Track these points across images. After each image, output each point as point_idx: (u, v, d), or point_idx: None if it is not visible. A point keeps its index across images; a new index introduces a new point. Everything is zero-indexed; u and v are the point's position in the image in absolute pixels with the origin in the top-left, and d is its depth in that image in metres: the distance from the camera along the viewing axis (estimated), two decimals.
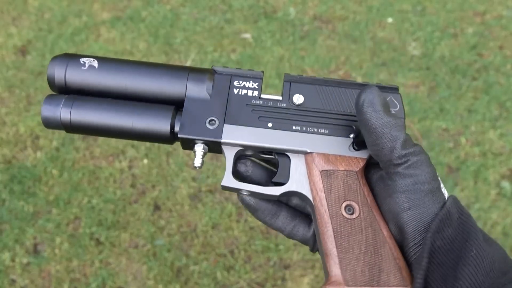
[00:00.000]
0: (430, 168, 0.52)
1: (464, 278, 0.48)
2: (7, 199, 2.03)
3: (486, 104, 2.38)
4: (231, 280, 1.80)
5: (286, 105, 0.60)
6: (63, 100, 0.60)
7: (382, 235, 0.54)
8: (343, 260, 0.53)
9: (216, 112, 0.60)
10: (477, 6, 2.93)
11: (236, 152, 0.60)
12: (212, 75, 0.61)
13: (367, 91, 0.53)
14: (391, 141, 0.51)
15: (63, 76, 0.60)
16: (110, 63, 0.61)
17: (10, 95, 2.46)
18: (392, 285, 0.52)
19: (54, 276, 1.82)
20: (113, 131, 0.60)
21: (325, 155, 0.58)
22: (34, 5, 2.98)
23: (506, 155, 2.16)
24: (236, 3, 2.98)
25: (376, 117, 0.52)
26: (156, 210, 2.00)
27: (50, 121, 0.60)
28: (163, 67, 0.62)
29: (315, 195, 0.57)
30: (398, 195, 0.52)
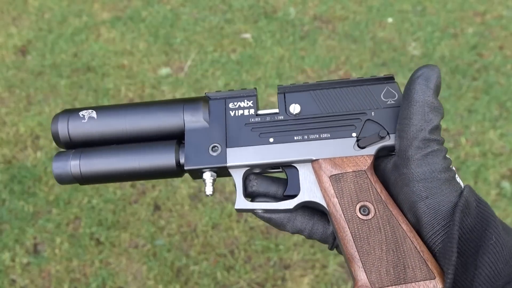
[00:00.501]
0: (446, 159, 0.52)
1: (484, 266, 0.47)
2: (7, 199, 2.03)
3: (486, 104, 2.38)
4: (231, 280, 1.80)
5: (284, 117, 0.60)
6: (71, 155, 0.62)
7: (402, 230, 0.53)
8: (366, 263, 0.53)
9: (217, 138, 0.60)
10: (477, 6, 2.93)
11: (243, 173, 0.60)
12: (206, 102, 0.62)
13: (429, 68, 0.53)
14: (424, 122, 0.51)
15: (67, 131, 0.62)
16: (108, 111, 0.63)
17: (10, 95, 2.46)
18: (419, 279, 0.51)
19: (54, 276, 1.82)
20: (122, 174, 0.62)
21: (331, 159, 0.58)
22: (34, 5, 2.98)
23: (506, 155, 2.16)
24: (236, 3, 2.98)
25: (423, 93, 0.52)
26: (156, 210, 2.00)
27: (63, 177, 0.62)
28: (158, 104, 0.63)
29: (328, 201, 0.57)
30: (415, 184, 0.51)
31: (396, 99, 0.59)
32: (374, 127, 0.59)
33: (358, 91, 0.60)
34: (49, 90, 2.47)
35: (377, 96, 0.60)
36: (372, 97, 0.60)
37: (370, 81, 0.60)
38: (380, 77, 0.60)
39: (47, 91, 2.47)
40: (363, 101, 0.60)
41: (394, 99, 0.59)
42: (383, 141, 0.57)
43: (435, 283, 0.51)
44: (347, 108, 0.60)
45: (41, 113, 2.36)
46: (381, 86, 0.60)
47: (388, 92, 0.59)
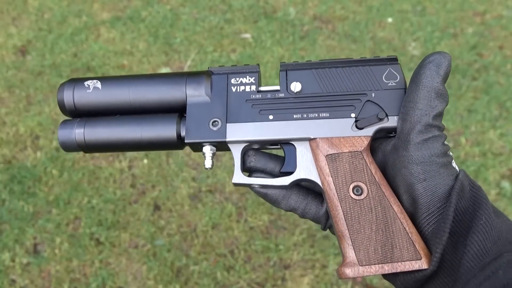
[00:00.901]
0: (445, 145, 0.53)
1: (473, 244, 0.49)
2: (7, 199, 2.03)
3: (486, 104, 2.38)
4: (231, 280, 1.80)
5: (285, 94, 0.61)
6: (76, 123, 0.64)
7: (393, 211, 0.55)
8: (355, 241, 0.55)
9: (217, 113, 0.61)
10: (477, 6, 2.93)
11: (242, 148, 0.61)
12: (209, 77, 0.63)
13: (441, 54, 0.53)
14: (429, 107, 0.52)
15: (72, 100, 0.64)
16: (112, 81, 0.64)
17: (10, 95, 2.46)
18: (405, 259, 0.53)
19: (54, 276, 1.82)
20: (125, 144, 0.63)
21: (329, 139, 0.59)
22: (34, 5, 2.98)
23: (506, 155, 2.16)
24: (236, 3, 2.98)
25: (432, 78, 0.52)
26: (156, 210, 2.00)
27: (67, 144, 0.64)
28: (161, 76, 0.64)
29: (323, 180, 0.58)
30: (414, 166, 0.53)
31: (398, 81, 0.59)
32: (373, 108, 0.59)
33: (360, 71, 0.60)
34: (49, 90, 2.47)
35: (379, 77, 0.60)
36: (373, 78, 0.60)
37: (373, 61, 0.61)
38: (383, 58, 0.61)
39: (47, 91, 2.47)
40: (364, 82, 0.60)
41: (396, 81, 0.59)
42: (382, 122, 0.58)
43: (420, 263, 0.53)
44: (347, 88, 0.60)
45: (41, 113, 2.36)
46: (383, 67, 0.60)
47: (390, 74, 0.60)
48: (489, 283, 0.47)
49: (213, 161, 0.62)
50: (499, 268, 0.47)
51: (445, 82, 0.53)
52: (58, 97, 0.65)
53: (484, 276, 0.47)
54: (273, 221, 1.95)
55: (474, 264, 0.49)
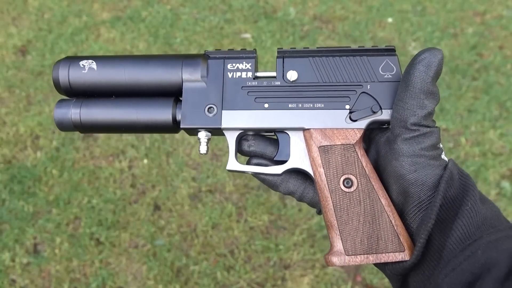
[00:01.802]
0: (435, 138, 0.54)
1: (457, 228, 0.51)
2: (7, 199, 2.03)
3: (486, 104, 2.38)
4: (231, 280, 1.80)
5: (281, 83, 0.61)
6: (72, 103, 0.64)
7: (380, 204, 0.57)
8: (343, 232, 0.57)
9: (213, 99, 0.61)
10: (477, 6, 2.93)
11: (237, 135, 0.62)
12: (205, 60, 0.62)
13: (432, 53, 0.53)
14: (418, 108, 0.53)
15: (67, 79, 0.64)
16: (108, 62, 0.64)
17: (10, 95, 2.46)
18: (389, 251, 0.56)
19: (54, 276, 1.82)
20: (120, 125, 0.63)
21: (322, 130, 0.59)
22: (34, 5, 2.98)
23: (506, 155, 2.16)
24: (236, 3, 2.98)
25: (421, 80, 0.53)
26: (156, 210, 2.00)
27: (63, 123, 0.64)
28: (157, 58, 0.64)
29: (314, 170, 0.59)
30: (404, 158, 0.54)
31: (394, 73, 0.59)
32: (368, 100, 0.59)
33: (357, 62, 0.60)
34: (49, 90, 2.47)
35: (375, 68, 0.60)
36: (370, 69, 0.60)
37: (371, 51, 0.60)
38: (381, 48, 0.60)
39: (47, 91, 2.47)
40: (361, 73, 0.60)
41: (392, 73, 0.60)
42: (375, 115, 0.59)
43: (403, 255, 0.55)
44: (344, 79, 0.60)
45: (41, 113, 2.36)
46: (380, 59, 0.60)
47: (387, 66, 0.60)
48: (468, 262, 0.49)
49: (208, 146, 0.63)
50: (478, 248, 0.49)
51: (436, 80, 0.53)
52: (53, 75, 0.64)
53: (464, 256, 0.49)
54: (273, 221, 1.95)
55: (456, 246, 0.50)
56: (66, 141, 2.23)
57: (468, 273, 0.48)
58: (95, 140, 2.24)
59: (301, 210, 1.96)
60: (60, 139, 2.24)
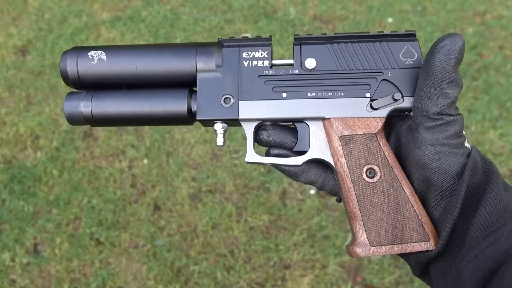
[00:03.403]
0: (459, 127, 0.53)
1: (480, 216, 0.50)
2: (7, 199, 2.03)
3: (486, 104, 2.38)
4: (231, 280, 1.80)
5: (299, 71, 0.59)
6: (82, 95, 0.62)
7: (404, 193, 0.56)
8: (367, 222, 0.56)
9: (229, 89, 0.59)
10: (477, 6, 2.93)
11: (255, 126, 0.60)
12: (219, 49, 0.60)
13: (452, 40, 0.51)
14: (440, 97, 0.51)
15: (76, 71, 0.61)
16: (118, 52, 0.61)
17: (10, 95, 2.46)
18: (415, 241, 0.55)
19: (54, 276, 1.82)
20: (134, 118, 0.61)
21: (343, 119, 0.58)
22: (34, 5, 2.98)
23: (506, 155, 2.16)
24: (236, 3, 2.98)
25: (442, 68, 0.51)
26: (156, 210, 2.00)
27: (73, 116, 0.61)
28: (170, 47, 0.61)
29: (336, 161, 0.58)
30: (427, 147, 0.53)
31: (415, 59, 0.58)
32: (389, 88, 0.58)
33: (377, 48, 0.58)
34: (49, 90, 2.47)
35: (396, 54, 0.58)
36: (390, 55, 0.58)
37: (391, 36, 0.59)
38: (401, 33, 0.59)
39: (47, 91, 2.47)
40: (381, 59, 0.58)
41: (413, 59, 0.58)
42: (397, 103, 0.57)
43: (428, 244, 0.54)
44: (364, 66, 0.58)
45: (41, 113, 2.36)
46: (401, 44, 0.58)
47: (408, 51, 0.58)
48: (492, 249, 0.48)
49: (224, 138, 0.61)
50: (501, 235, 0.48)
51: (457, 67, 0.52)
52: (60, 66, 0.61)
53: (487, 243, 0.48)
54: (273, 221, 1.95)
55: (479, 234, 0.50)
56: (66, 141, 2.23)
57: (491, 260, 0.48)
58: (95, 140, 2.24)
59: (301, 210, 1.96)
60: (60, 139, 2.24)
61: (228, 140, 2.16)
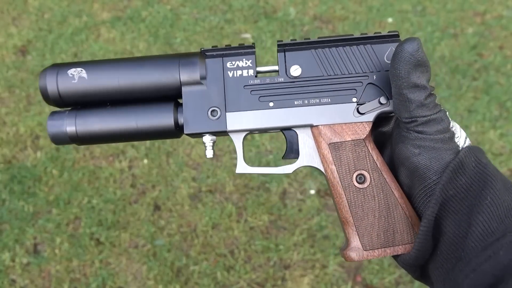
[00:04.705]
0: (443, 123, 0.53)
1: (477, 224, 0.49)
2: (7, 199, 2.03)
3: (486, 104, 2.38)
4: (231, 280, 1.80)
5: (284, 79, 0.59)
6: (66, 115, 0.61)
7: (394, 197, 0.57)
8: (359, 227, 0.57)
9: (215, 101, 0.59)
10: (477, 6, 2.93)
11: (243, 136, 0.60)
12: (203, 59, 0.60)
13: (405, 45, 0.51)
14: (407, 101, 0.52)
15: (56, 89, 0.60)
16: (99, 68, 0.60)
17: (10, 95, 2.46)
18: (406, 242, 0.56)
19: (54, 276, 1.82)
20: (120, 134, 0.60)
21: (331, 126, 0.58)
22: (34, 5, 2.98)
23: (506, 155, 2.16)
24: (236, 3, 2.98)
25: (398, 76, 0.51)
26: (156, 210, 2.00)
27: (58, 136, 0.60)
28: (152, 60, 0.60)
29: (326, 168, 0.59)
30: (410, 141, 0.53)
31: None
32: (375, 91, 0.58)
33: (361, 51, 0.58)
34: None
35: (380, 57, 0.58)
36: (375, 58, 0.58)
37: (374, 38, 0.58)
38: (385, 35, 0.58)
39: None
40: (366, 63, 0.58)
41: None
42: (383, 107, 0.58)
43: None
44: (349, 70, 0.58)
45: (41, 113, 2.36)
46: (385, 46, 0.58)
47: (392, 53, 0.57)
48: (490, 263, 0.47)
49: (213, 149, 0.61)
50: (500, 248, 0.47)
51: (418, 70, 0.51)
52: (40, 85, 0.60)
53: (485, 256, 0.48)
54: (273, 221, 1.95)
55: (478, 244, 0.49)
56: None
57: (489, 275, 0.47)
58: None
59: (301, 210, 1.96)
60: None
61: (228, 140, 2.16)
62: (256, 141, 2.19)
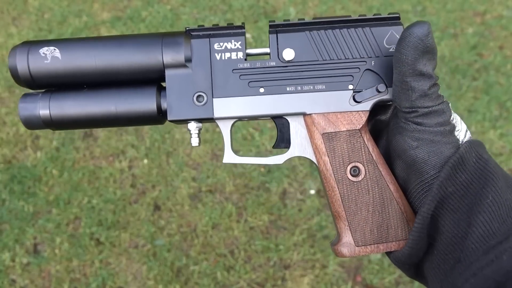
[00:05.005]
0: (444, 115, 0.51)
1: (478, 225, 0.46)
2: (7, 199, 2.03)
3: (486, 104, 2.38)
4: (231, 280, 1.80)
5: (276, 63, 0.54)
6: (39, 97, 0.56)
7: (389, 191, 0.54)
8: (352, 222, 0.54)
9: (202, 86, 0.55)
10: (477, 6, 2.93)
11: (231, 124, 0.57)
12: (188, 40, 0.55)
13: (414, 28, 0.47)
14: (409, 90, 0.49)
15: (27, 70, 0.55)
16: (74, 47, 0.55)
17: (10, 95, 2.46)
18: (400, 239, 0.53)
19: (54, 276, 1.82)
20: (98, 119, 0.56)
21: (325, 115, 0.54)
22: (34, 5, 2.98)
23: (506, 155, 2.16)
24: (236, 3, 2.98)
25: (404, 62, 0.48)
26: (156, 210, 2.00)
27: (30, 120, 0.56)
28: (132, 38, 0.56)
29: (318, 159, 0.55)
30: (408, 133, 0.50)
31: None
32: (372, 78, 0.54)
33: (359, 34, 0.54)
34: None
35: (380, 41, 0.54)
36: (374, 42, 0.54)
37: (373, 21, 0.54)
38: (385, 17, 0.54)
39: None
40: (364, 47, 0.54)
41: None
42: (381, 95, 0.54)
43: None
44: (346, 55, 0.54)
45: None
46: (385, 29, 0.54)
47: (392, 37, 0.54)
48: (492, 268, 0.44)
49: (199, 138, 0.57)
50: (503, 252, 0.44)
51: (425, 57, 0.48)
52: (9, 64, 0.55)
53: (487, 260, 0.45)
54: (273, 221, 1.95)
55: (479, 246, 0.46)
56: (66, 141, 2.23)
57: (491, 280, 0.44)
58: (95, 140, 2.24)
59: (301, 210, 1.96)
60: (60, 139, 2.24)
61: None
62: (256, 141, 2.19)
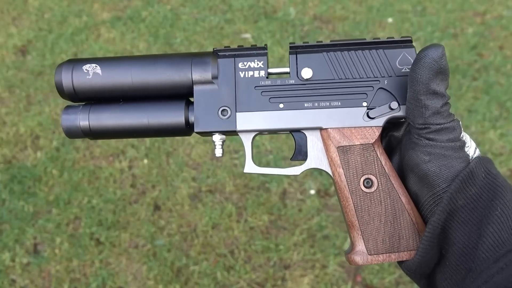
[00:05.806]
0: (455, 132, 0.53)
1: (488, 235, 0.49)
2: (7, 199, 2.03)
3: (486, 104, 2.38)
4: (231, 280, 1.80)
5: (295, 81, 0.59)
6: (80, 109, 0.62)
7: (401, 203, 0.57)
8: (365, 232, 0.57)
9: (226, 101, 0.60)
10: (477, 6, 2.92)
11: (253, 137, 0.61)
12: (215, 59, 0.61)
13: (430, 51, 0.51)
14: (423, 107, 0.52)
15: (71, 84, 0.62)
16: (113, 65, 0.62)
17: (10, 95, 2.46)
18: (411, 249, 0.56)
19: (54, 276, 1.82)
20: (131, 130, 0.62)
21: (340, 129, 0.58)
22: (34, 5, 2.98)
23: (506, 155, 2.16)
24: (236, 3, 2.98)
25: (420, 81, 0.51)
26: (156, 210, 2.00)
27: (71, 130, 0.62)
28: (165, 58, 0.62)
29: (334, 171, 0.59)
30: (420, 148, 0.53)
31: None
32: (385, 96, 0.58)
33: (373, 55, 0.58)
34: (49, 90, 2.47)
35: (393, 62, 0.58)
36: (387, 63, 0.58)
37: (387, 43, 0.59)
38: (398, 40, 0.59)
39: (47, 91, 2.47)
40: (378, 67, 0.58)
41: (409, 67, 0.58)
42: (394, 112, 0.58)
43: None
44: (360, 74, 0.59)
45: (41, 113, 2.36)
46: (397, 51, 0.58)
47: (404, 59, 0.58)
48: (502, 275, 0.46)
49: (223, 149, 0.62)
50: None
51: (438, 78, 0.52)
52: (56, 80, 0.62)
53: (497, 268, 0.47)
54: (273, 221, 1.95)
55: (490, 255, 0.48)
56: (66, 141, 2.23)
57: (502, 287, 0.46)
58: (95, 140, 2.24)
59: (301, 210, 1.96)
60: (60, 139, 2.24)
61: (228, 140, 2.16)
62: (256, 141, 2.19)
